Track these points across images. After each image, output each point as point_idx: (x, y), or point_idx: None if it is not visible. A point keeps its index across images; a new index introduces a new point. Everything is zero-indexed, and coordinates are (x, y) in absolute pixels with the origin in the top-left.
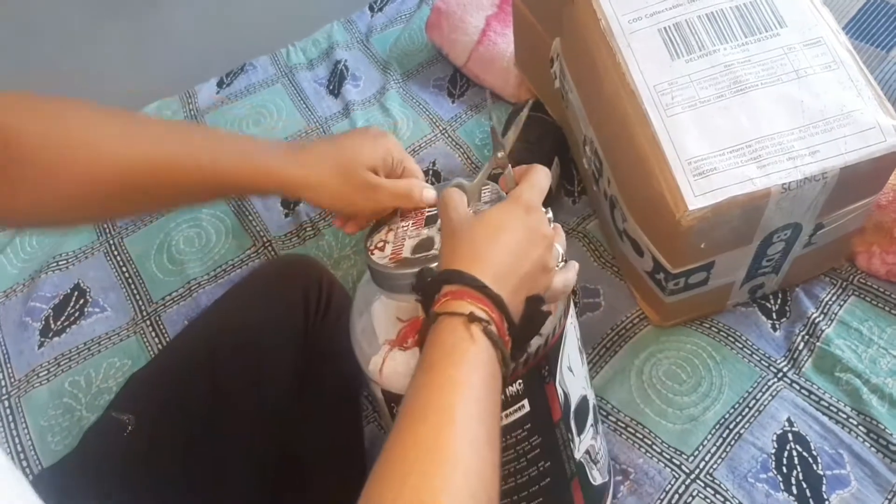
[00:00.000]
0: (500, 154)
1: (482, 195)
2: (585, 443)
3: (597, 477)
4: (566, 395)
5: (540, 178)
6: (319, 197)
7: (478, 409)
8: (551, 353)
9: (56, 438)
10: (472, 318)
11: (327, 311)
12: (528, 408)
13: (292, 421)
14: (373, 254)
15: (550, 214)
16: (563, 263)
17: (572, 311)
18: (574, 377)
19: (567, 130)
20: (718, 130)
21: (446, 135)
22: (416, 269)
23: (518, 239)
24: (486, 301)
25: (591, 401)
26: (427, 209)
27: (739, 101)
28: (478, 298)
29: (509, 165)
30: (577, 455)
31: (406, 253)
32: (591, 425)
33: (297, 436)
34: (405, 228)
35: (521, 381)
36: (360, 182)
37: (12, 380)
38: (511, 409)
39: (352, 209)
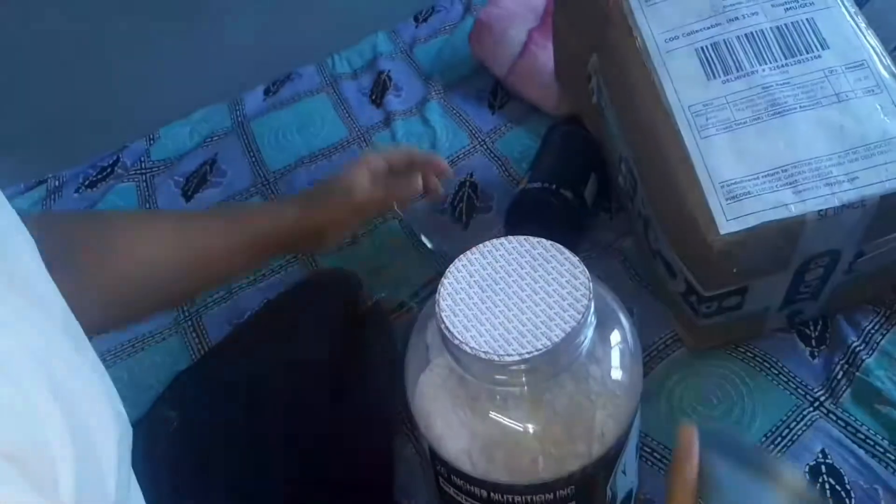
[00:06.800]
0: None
1: None
2: None
3: None
4: (614, 496)
5: None
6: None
7: None
8: (609, 462)
9: None
10: None
11: (364, 328)
12: None
13: (324, 439)
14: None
15: None
16: None
17: (638, 415)
18: (626, 476)
19: (604, 147)
20: (754, 154)
21: (485, 146)
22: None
23: None
24: None
25: (635, 489)
26: None
27: (777, 125)
28: None
29: None
30: None
31: None
32: None
33: (327, 453)
34: None
35: (573, 486)
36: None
37: None
38: None
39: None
